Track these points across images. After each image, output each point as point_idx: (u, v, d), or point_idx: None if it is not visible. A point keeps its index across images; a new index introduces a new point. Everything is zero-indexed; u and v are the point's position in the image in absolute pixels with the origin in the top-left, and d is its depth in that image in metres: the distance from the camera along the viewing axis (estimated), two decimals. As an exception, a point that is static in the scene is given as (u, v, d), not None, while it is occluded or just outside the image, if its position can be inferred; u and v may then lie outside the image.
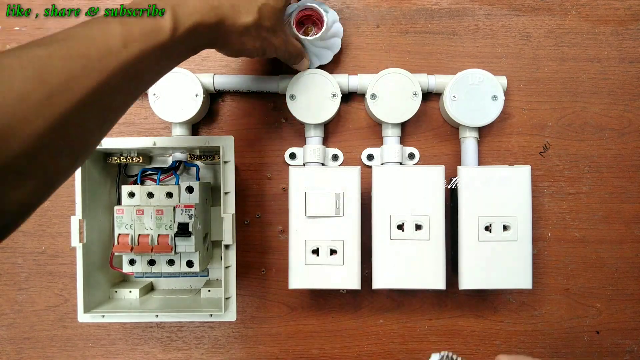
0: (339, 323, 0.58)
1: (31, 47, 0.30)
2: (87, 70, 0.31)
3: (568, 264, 0.57)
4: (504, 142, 0.57)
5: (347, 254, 0.50)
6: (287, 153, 0.57)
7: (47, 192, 0.32)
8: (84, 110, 0.31)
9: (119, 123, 0.58)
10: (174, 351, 0.58)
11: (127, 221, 0.51)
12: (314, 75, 0.54)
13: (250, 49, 0.45)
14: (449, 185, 0.55)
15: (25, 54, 0.29)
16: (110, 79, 0.32)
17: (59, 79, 0.29)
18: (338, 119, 0.58)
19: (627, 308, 0.57)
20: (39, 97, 0.28)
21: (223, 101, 0.58)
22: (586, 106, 0.57)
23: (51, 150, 0.30)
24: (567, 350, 0.58)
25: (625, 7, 0.57)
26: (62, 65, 0.30)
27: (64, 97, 0.29)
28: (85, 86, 0.30)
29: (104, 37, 0.32)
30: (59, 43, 0.31)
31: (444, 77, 0.55)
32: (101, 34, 0.32)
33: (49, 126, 0.29)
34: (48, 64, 0.29)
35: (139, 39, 0.34)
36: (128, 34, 0.33)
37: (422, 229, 0.50)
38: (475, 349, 0.58)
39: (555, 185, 0.57)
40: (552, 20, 0.57)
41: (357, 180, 0.50)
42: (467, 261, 0.50)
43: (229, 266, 0.50)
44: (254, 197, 0.58)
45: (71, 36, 0.32)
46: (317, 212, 0.50)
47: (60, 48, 0.30)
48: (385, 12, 0.57)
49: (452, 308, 0.58)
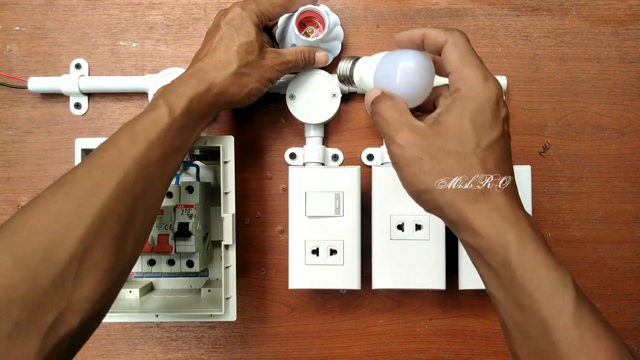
0: (339, 323, 0.58)
1: (61, 177, 0.36)
2: (106, 173, 0.35)
3: (568, 264, 0.57)
4: (504, 142, 0.57)
5: (347, 254, 0.50)
6: (287, 153, 0.57)
7: (111, 284, 0.35)
8: (113, 205, 0.35)
9: (119, 123, 0.58)
10: (174, 351, 0.58)
11: (127, 221, 0.51)
12: (314, 75, 0.54)
13: (256, 86, 0.47)
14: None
15: (57, 182, 0.35)
16: (128, 173, 0.36)
17: (84, 189, 0.34)
18: (338, 119, 0.58)
19: (627, 308, 0.57)
20: (71, 209, 0.33)
21: (223, 101, 0.58)
22: (586, 106, 0.57)
23: (98, 248, 0.33)
24: (567, 350, 0.57)
25: (625, 7, 0.57)
26: (84, 177, 0.35)
27: (91, 202, 0.34)
28: (107, 186, 0.35)
29: (113, 143, 0.38)
30: (82, 164, 0.37)
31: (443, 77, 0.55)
32: (110, 143, 0.38)
33: (87, 228, 0.33)
34: (74, 181, 0.35)
35: (143, 133, 0.38)
36: (132, 132, 0.38)
37: (422, 229, 0.50)
38: (475, 349, 0.58)
39: (555, 185, 0.57)
40: (552, 20, 0.57)
41: (357, 180, 0.50)
42: (467, 261, 0.50)
43: (229, 266, 0.50)
44: (254, 197, 0.58)
45: (91, 155, 0.37)
46: (317, 212, 0.50)
47: (83, 166, 0.36)
48: (385, 12, 0.57)
49: (452, 308, 0.58)
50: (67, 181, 0.35)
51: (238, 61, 0.45)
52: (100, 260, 0.34)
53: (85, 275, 0.32)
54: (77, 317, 0.32)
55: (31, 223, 0.32)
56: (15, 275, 0.30)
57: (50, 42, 0.58)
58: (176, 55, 0.58)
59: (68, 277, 0.31)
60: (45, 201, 0.33)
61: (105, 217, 0.34)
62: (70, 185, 0.34)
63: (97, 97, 0.58)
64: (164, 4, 0.58)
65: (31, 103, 0.58)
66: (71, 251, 0.32)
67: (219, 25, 0.46)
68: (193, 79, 0.43)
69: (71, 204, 0.33)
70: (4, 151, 0.58)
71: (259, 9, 0.47)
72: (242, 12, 0.46)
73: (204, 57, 0.45)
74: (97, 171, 0.35)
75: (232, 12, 0.47)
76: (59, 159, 0.58)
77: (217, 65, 0.45)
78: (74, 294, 0.32)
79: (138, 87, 0.56)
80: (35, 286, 0.30)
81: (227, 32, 0.46)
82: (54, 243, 0.32)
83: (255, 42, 0.46)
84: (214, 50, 0.45)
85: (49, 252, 0.31)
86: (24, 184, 0.58)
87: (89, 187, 0.34)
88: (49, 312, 0.31)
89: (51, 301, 0.31)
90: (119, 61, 0.58)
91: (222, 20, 0.46)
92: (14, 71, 0.58)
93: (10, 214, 0.58)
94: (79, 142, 0.50)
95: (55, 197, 0.34)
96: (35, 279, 0.30)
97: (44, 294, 0.30)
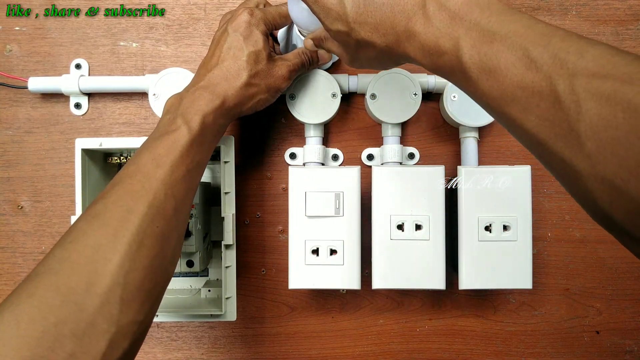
0: (339, 323, 0.58)
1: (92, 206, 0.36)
2: (135, 199, 0.36)
3: (568, 264, 0.57)
4: (504, 142, 0.57)
5: (347, 254, 0.50)
6: (287, 153, 0.57)
7: (154, 303, 0.37)
8: (146, 228, 0.36)
9: (119, 123, 0.58)
10: (174, 351, 0.58)
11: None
12: (314, 75, 0.54)
13: (265, 97, 0.48)
14: (449, 185, 0.55)
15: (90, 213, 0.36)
16: (156, 196, 0.37)
17: (117, 217, 0.35)
18: (338, 119, 0.58)
19: (627, 308, 0.57)
20: (107, 239, 0.34)
21: (223, 101, 0.58)
22: (586, 106, 0.57)
23: (137, 271, 0.34)
24: (567, 350, 0.58)
25: (625, 7, 0.57)
26: (116, 206, 0.36)
27: (125, 228, 0.35)
28: (138, 212, 0.36)
29: (138, 168, 0.38)
30: (110, 192, 0.37)
31: (444, 77, 0.55)
32: (135, 168, 0.38)
33: (124, 255, 0.34)
34: (106, 211, 0.36)
35: (166, 155, 0.39)
36: (156, 156, 0.39)
37: (422, 229, 0.50)
38: (475, 349, 0.58)
39: (555, 185, 0.57)
40: (552, 20, 0.57)
41: (357, 180, 0.50)
42: (467, 261, 0.50)
43: (229, 266, 0.50)
44: (254, 197, 0.58)
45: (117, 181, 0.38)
46: (317, 212, 0.50)
47: (111, 195, 0.37)
48: (385, 12, 0.57)
49: (452, 308, 0.58)
50: (100, 212, 0.36)
51: (248, 72, 0.45)
52: (141, 282, 0.34)
53: (129, 298, 0.33)
54: (127, 340, 0.33)
55: (72, 259, 0.33)
56: (63, 312, 0.31)
57: (50, 42, 0.58)
58: (176, 55, 0.58)
59: (113, 303, 0.32)
60: (83, 235, 0.34)
61: (140, 241, 0.35)
62: (104, 216, 0.35)
63: (97, 97, 0.58)
64: (164, 4, 0.58)
65: (31, 103, 0.58)
66: (112, 277, 0.33)
67: (226, 32, 0.46)
68: (206, 93, 0.43)
69: (107, 234, 0.34)
70: (4, 151, 0.58)
71: (266, 17, 0.47)
72: (251, 20, 0.46)
73: (213, 68, 0.45)
74: (127, 198, 0.36)
75: (240, 19, 0.46)
76: (59, 159, 0.58)
77: (227, 76, 0.45)
78: (121, 319, 0.33)
79: (138, 87, 0.56)
80: (84, 317, 0.31)
81: (236, 40, 0.45)
82: (96, 273, 0.32)
83: (263, 51, 0.46)
84: (223, 60, 0.45)
85: (92, 283, 0.32)
86: (24, 184, 0.58)
87: (121, 215, 0.35)
88: (100, 340, 0.31)
89: (101, 329, 0.31)
90: (119, 61, 0.58)
91: (230, 27, 0.46)
92: (14, 71, 0.58)
93: (10, 214, 0.58)
94: (79, 142, 0.50)
95: (92, 230, 0.34)
96: (82, 310, 0.31)
97: (92, 323, 0.31)
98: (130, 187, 0.37)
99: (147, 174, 0.38)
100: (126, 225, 0.35)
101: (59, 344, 0.30)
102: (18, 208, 0.58)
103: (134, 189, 0.37)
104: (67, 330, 0.30)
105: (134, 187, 0.37)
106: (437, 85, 0.55)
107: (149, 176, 0.38)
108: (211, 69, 0.45)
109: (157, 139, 0.40)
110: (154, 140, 0.41)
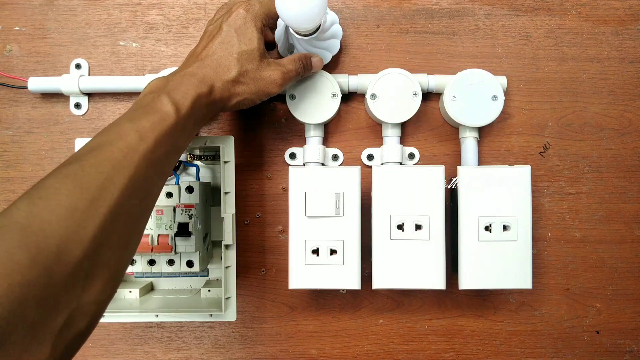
0: (339, 323, 0.58)
1: (65, 166, 0.33)
2: (116, 169, 0.34)
3: (568, 264, 0.57)
4: (504, 142, 0.57)
5: (347, 254, 0.50)
6: (287, 153, 0.57)
7: (115, 285, 0.35)
8: (124, 203, 0.34)
9: (119, 123, 0.58)
10: (174, 351, 0.58)
11: (127, 221, 0.51)
12: (314, 75, 0.54)
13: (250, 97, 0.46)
14: (449, 185, 0.55)
15: (62, 172, 0.33)
16: (137, 170, 0.35)
17: (95, 183, 0.33)
18: (338, 119, 0.58)
19: (627, 308, 0.57)
20: (84, 205, 0.31)
21: (223, 101, 0.58)
22: (586, 106, 0.57)
23: (107, 247, 0.33)
24: (567, 350, 0.58)
25: (625, 7, 0.57)
26: (95, 171, 0.33)
27: (103, 197, 0.33)
28: (119, 183, 0.34)
29: (121, 138, 0.36)
30: (87, 155, 0.34)
31: (444, 77, 0.55)
32: (118, 136, 0.36)
33: (99, 226, 0.32)
34: (83, 174, 0.33)
35: (151, 130, 0.37)
36: (140, 128, 0.37)
37: (422, 229, 0.50)
38: (475, 349, 0.58)
39: (555, 185, 0.57)
40: (552, 20, 0.57)
41: (357, 180, 0.50)
42: (467, 261, 0.50)
43: (229, 266, 0.50)
44: (254, 197, 0.58)
45: (94, 146, 0.35)
46: (317, 212, 0.50)
47: (89, 158, 0.34)
48: (385, 12, 0.57)
49: (452, 308, 0.58)
50: (76, 172, 0.33)
51: (237, 69, 0.44)
52: (108, 261, 0.33)
53: (95, 275, 0.31)
54: (85, 319, 0.31)
55: (44, 217, 0.30)
56: (31, 273, 0.27)
57: (50, 42, 0.58)
58: (176, 55, 0.58)
59: (79, 277, 0.30)
60: (56, 193, 0.31)
61: (116, 215, 0.33)
62: (81, 178, 0.32)
63: (97, 97, 0.58)
64: (164, 4, 0.58)
65: (31, 103, 0.58)
66: (84, 250, 0.30)
67: (220, 27, 0.45)
68: (194, 79, 0.42)
69: (84, 199, 0.31)
70: (4, 151, 0.58)
71: (262, 12, 0.46)
72: (247, 15, 0.45)
73: (204, 58, 0.44)
74: (107, 166, 0.34)
75: (236, 13, 0.45)
76: (59, 159, 0.58)
77: (217, 68, 0.44)
78: (83, 295, 0.30)
79: (138, 87, 0.56)
80: (50, 285, 0.28)
81: (229, 35, 0.45)
82: (68, 240, 0.30)
83: (256, 50, 0.45)
84: (213, 53, 0.44)
85: (63, 250, 0.29)
86: (24, 184, 0.58)
87: (101, 183, 0.33)
88: (60, 313, 0.29)
89: (63, 302, 0.29)
90: (119, 61, 0.58)
91: (225, 23, 0.45)
92: (14, 71, 0.58)
93: (10, 214, 0.58)
94: (79, 142, 0.50)
95: (67, 190, 0.31)
96: (50, 277, 0.28)
97: (56, 294, 0.29)
98: (111, 155, 0.34)
99: (129, 145, 0.35)
100: (105, 195, 0.33)
101: (21, 309, 0.27)
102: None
103: (115, 157, 0.34)
104: (32, 295, 0.27)
105: (114, 155, 0.34)
106: (437, 85, 0.55)
107: (131, 148, 0.35)
108: (202, 59, 0.44)
109: (140, 113, 0.38)
110: (135, 112, 0.38)
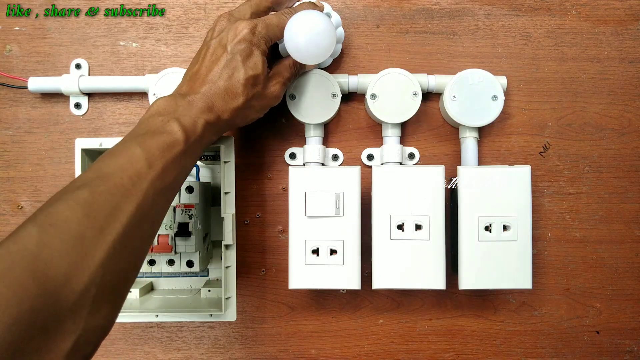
0: (339, 323, 0.58)
1: (74, 191, 0.34)
2: (125, 197, 0.35)
3: (568, 264, 0.57)
4: (504, 142, 0.57)
5: (347, 254, 0.50)
6: (287, 153, 0.57)
7: (119, 310, 0.35)
8: (131, 230, 0.34)
9: (119, 123, 0.58)
10: (174, 351, 0.58)
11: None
12: (314, 75, 0.54)
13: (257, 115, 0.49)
14: (449, 185, 0.55)
15: (72, 198, 0.33)
16: (145, 198, 0.36)
17: (104, 212, 0.33)
18: (338, 119, 0.58)
19: (627, 308, 0.57)
20: (93, 234, 0.32)
21: (223, 101, 0.58)
22: (586, 106, 0.57)
23: (114, 273, 0.33)
24: (567, 350, 0.58)
25: (625, 7, 0.57)
26: (104, 199, 0.34)
27: (112, 226, 0.33)
28: (127, 211, 0.34)
29: (131, 164, 0.36)
30: (96, 181, 0.35)
31: (444, 77, 0.55)
32: (128, 162, 0.36)
33: (107, 253, 0.32)
34: (93, 202, 0.33)
35: (160, 157, 0.38)
36: (150, 155, 0.37)
37: (422, 229, 0.50)
38: (475, 349, 0.58)
39: (555, 185, 0.57)
40: (552, 20, 0.57)
41: (357, 180, 0.50)
42: (467, 261, 0.50)
43: (229, 266, 0.50)
44: (254, 197, 0.58)
45: (104, 171, 0.36)
46: (317, 212, 0.50)
47: (99, 185, 0.34)
48: (385, 12, 0.57)
49: (452, 308, 0.58)
50: (86, 201, 0.33)
51: (245, 96, 0.44)
52: (115, 286, 0.33)
53: (101, 301, 0.32)
54: (89, 346, 0.31)
55: (54, 245, 0.30)
56: (39, 301, 0.28)
57: (50, 42, 0.58)
58: (176, 55, 0.58)
59: (85, 304, 0.31)
60: (66, 222, 0.32)
61: (123, 243, 0.34)
62: (90, 207, 0.33)
63: (97, 97, 0.58)
64: (164, 4, 0.58)
65: (31, 103, 0.58)
66: (90, 276, 0.31)
67: (225, 49, 0.44)
68: (202, 105, 0.42)
69: (93, 228, 0.32)
70: (4, 151, 0.58)
71: (267, 34, 0.45)
72: (252, 39, 0.44)
73: (209, 82, 0.43)
74: (117, 194, 0.34)
75: (241, 35, 0.44)
76: (59, 159, 0.58)
77: (225, 96, 0.44)
78: (89, 321, 0.31)
79: (138, 87, 0.56)
80: (57, 312, 0.29)
81: (234, 60, 0.44)
82: (76, 268, 0.31)
83: (261, 75, 0.45)
84: (219, 78, 0.44)
85: (71, 277, 0.30)
86: (24, 184, 0.58)
87: (109, 211, 0.33)
88: (66, 339, 0.30)
89: (68, 328, 0.30)
90: (119, 61, 0.58)
91: (230, 44, 0.44)
92: (14, 71, 0.58)
93: (10, 214, 0.58)
94: (79, 142, 0.50)
95: (77, 218, 0.32)
96: (57, 304, 0.29)
97: (62, 321, 0.29)
98: (120, 182, 0.35)
99: (139, 172, 0.36)
100: (113, 223, 0.33)
101: (27, 334, 0.27)
102: (18, 208, 0.58)
103: (124, 184, 0.35)
104: (39, 322, 0.28)
105: (123, 182, 0.35)
106: (437, 85, 0.55)
107: (140, 175, 0.36)
108: (207, 83, 0.44)
109: (150, 137, 0.39)
110: (145, 137, 0.39)
